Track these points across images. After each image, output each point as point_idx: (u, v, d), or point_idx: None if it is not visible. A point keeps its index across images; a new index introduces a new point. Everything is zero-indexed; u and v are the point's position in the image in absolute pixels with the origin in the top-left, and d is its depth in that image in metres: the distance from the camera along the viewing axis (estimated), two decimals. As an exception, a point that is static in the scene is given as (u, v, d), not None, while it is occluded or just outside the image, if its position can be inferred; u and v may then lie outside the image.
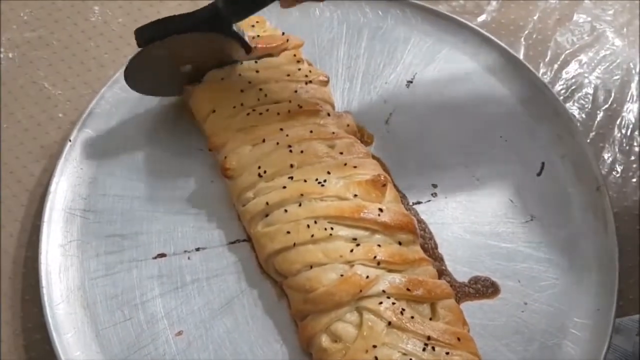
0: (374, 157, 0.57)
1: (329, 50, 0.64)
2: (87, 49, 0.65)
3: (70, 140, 0.57)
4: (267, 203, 0.51)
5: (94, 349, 0.49)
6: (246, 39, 0.53)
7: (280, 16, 0.63)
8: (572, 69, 0.66)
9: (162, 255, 0.53)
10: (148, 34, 0.51)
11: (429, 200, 0.57)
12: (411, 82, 0.63)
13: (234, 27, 0.52)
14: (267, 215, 0.51)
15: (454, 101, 0.62)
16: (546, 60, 0.67)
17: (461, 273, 0.53)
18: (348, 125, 0.57)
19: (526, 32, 0.68)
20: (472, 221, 0.56)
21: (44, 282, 0.51)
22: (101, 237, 0.54)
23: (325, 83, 0.59)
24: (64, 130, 0.61)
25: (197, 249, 0.54)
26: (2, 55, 0.64)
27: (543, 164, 0.59)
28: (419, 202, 0.57)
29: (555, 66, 0.66)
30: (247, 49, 0.53)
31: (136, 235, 0.54)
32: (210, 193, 0.56)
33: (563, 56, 0.67)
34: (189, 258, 0.53)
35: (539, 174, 0.58)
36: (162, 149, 0.58)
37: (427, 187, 0.58)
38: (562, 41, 0.67)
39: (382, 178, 0.52)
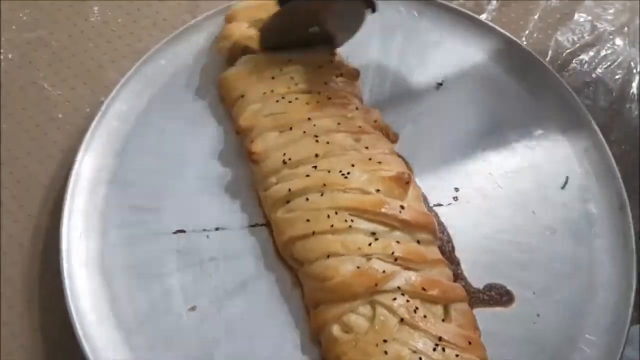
0: (399, 156, 0.57)
1: (362, 47, 0.64)
2: (87, 50, 0.64)
3: (102, 110, 0.58)
4: (289, 190, 0.51)
5: (108, 314, 0.50)
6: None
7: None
8: (573, 68, 0.66)
9: (182, 231, 0.54)
10: None
11: (450, 204, 0.57)
12: (441, 84, 0.63)
13: None
14: (288, 202, 0.51)
15: (483, 107, 0.62)
16: (547, 59, 0.66)
17: (476, 279, 0.53)
18: (375, 121, 0.57)
19: (527, 31, 0.68)
20: (492, 228, 0.55)
21: (64, 246, 0.51)
22: (124, 208, 0.54)
23: (356, 77, 0.60)
24: (62, 131, 0.61)
25: (217, 229, 0.54)
26: (1, 56, 0.63)
27: (567, 178, 0.58)
28: (439, 205, 0.57)
29: (556, 65, 0.66)
30: (373, 7, 0.54)
31: (158, 209, 0.55)
32: (234, 176, 0.57)
33: (564, 55, 0.67)
34: (207, 237, 0.54)
35: (562, 188, 0.58)
36: (190, 128, 0.59)
37: (449, 190, 0.57)
38: (563, 40, 0.67)
39: (406, 175, 0.52)
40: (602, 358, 0.49)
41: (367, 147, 0.54)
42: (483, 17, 0.69)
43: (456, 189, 0.58)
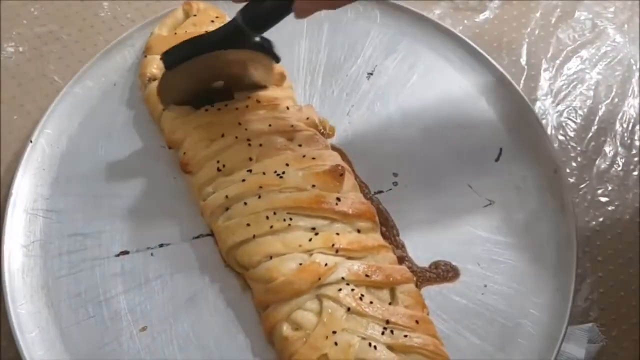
0: (336, 149, 0.58)
1: (290, 45, 0.65)
2: (97, 44, 0.67)
3: (31, 141, 0.57)
4: (226, 197, 0.51)
5: (58, 347, 0.49)
6: (274, 49, 0.53)
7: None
8: (574, 64, 0.68)
9: (125, 252, 0.54)
10: (174, 57, 0.52)
11: (390, 189, 0.58)
12: (371, 74, 0.64)
13: (258, 39, 0.52)
14: (227, 209, 0.51)
15: (413, 91, 0.63)
16: (548, 56, 0.68)
17: (422, 259, 0.54)
18: (308, 118, 0.58)
19: (528, 29, 0.69)
20: (432, 208, 0.57)
21: (7, 283, 0.51)
22: (64, 237, 0.54)
23: (281, 82, 0.59)
24: None
25: (161, 245, 0.54)
26: (13, 49, 0.66)
27: (501, 149, 0.60)
28: (380, 192, 0.58)
29: (557, 62, 0.68)
30: (276, 58, 0.54)
31: (98, 233, 0.54)
32: (172, 189, 0.57)
33: (565, 52, 0.68)
34: (152, 254, 0.54)
35: (497, 160, 0.59)
36: (124, 146, 0.58)
37: (388, 176, 0.58)
38: (564, 37, 0.69)
39: (340, 168, 0.53)
40: (552, 320, 0.51)
41: (300, 145, 0.54)
42: (485, 14, 0.70)
43: (395, 174, 0.59)
